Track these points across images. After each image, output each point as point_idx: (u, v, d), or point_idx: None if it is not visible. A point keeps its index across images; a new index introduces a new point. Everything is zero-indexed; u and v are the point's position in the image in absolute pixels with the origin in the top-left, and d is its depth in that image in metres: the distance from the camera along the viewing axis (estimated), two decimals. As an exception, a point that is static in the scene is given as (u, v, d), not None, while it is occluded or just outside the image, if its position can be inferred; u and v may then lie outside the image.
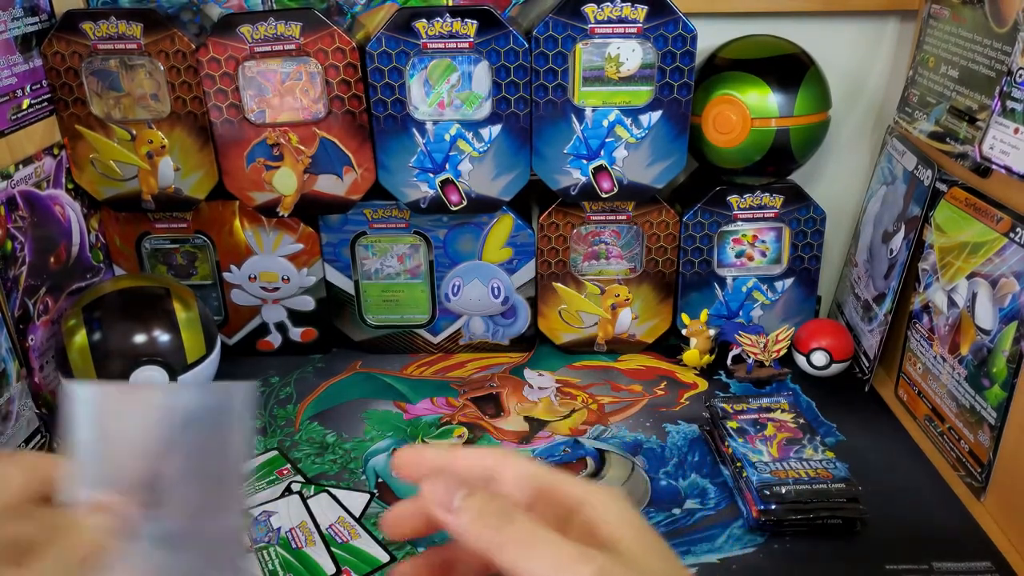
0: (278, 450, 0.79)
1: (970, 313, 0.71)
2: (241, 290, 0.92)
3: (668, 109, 0.82)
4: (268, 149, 0.84)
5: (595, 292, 0.93)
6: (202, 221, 0.90)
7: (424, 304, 0.94)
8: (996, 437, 0.67)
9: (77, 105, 0.82)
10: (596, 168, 0.84)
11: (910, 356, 0.82)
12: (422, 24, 0.78)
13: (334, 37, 0.79)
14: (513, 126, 0.82)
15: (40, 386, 0.78)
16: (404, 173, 0.85)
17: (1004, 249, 0.67)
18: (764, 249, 0.91)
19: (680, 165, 0.85)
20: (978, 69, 0.71)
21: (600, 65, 0.81)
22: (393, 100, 0.81)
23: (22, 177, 0.76)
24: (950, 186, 0.76)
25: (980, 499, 0.71)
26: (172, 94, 0.82)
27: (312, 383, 0.90)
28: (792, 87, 0.81)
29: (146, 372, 0.76)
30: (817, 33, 0.88)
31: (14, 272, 0.75)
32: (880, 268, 0.86)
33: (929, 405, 0.78)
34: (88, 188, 0.86)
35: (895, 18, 0.90)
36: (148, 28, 0.79)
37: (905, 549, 0.66)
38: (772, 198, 0.88)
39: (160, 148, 0.84)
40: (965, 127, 0.73)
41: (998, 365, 0.67)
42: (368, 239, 0.91)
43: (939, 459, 0.77)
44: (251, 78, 0.81)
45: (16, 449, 0.73)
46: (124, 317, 0.78)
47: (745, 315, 0.93)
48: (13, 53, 0.76)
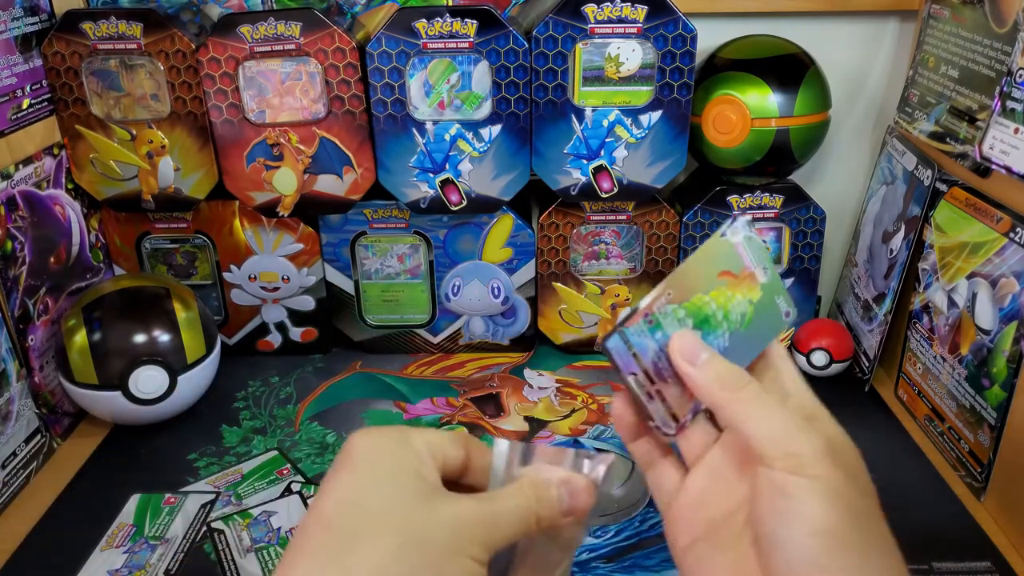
0: (278, 450, 0.79)
1: (970, 313, 0.71)
2: (241, 290, 0.92)
3: (668, 109, 0.82)
4: (268, 149, 0.84)
5: (595, 292, 0.93)
6: (202, 221, 0.90)
7: (424, 304, 0.94)
8: (996, 437, 0.67)
9: (77, 105, 0.82)
10: (596, 168, 0.84)
11: (910, 356, 0.82)
12: (422, 24, 0.78)
13: (334, 37, 0.79)
14: (513, 126, 0.82)
15: (40, 386, 0.78)
16: (404, 173, 0.85)
17: (1004, 249, 0.67)
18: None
19: (680, 165, 0.85)
20: (978, 69, 0.71)
21: (600, 65, 0.81)
22: (393, 100, 0.81)
23: (22, 177, 0.76)
24: (950, 186, 0.76)
25: (980, 499, 0.71)
26: (172, 94, 0.82)
27: (312, 383, 0.90)
28: (792, 87, 0.81)
29: (146, 372, 0.76)
30: (817, 33, 0.88)
31: (14, 272, 0.75)
32: (880, 268, 0.86)
33: (929, 405, 0.78)
34: (88, 188, 0.86)
35: (895, 18, 0.90)
36: (148, 28, 0.79)
37: (905, 549, 0.65)
38: (772, 198, 0.88)
39: (160, 148, 0.84)
40: (965, 127, 0.73)
41: (998, 365, 0.67)
42: (368, 239, 0.91)
43: (939, 459, 0.76)
44: (251, 78, 0.81)
45: (15, 450, 0.73)
46: (124, 317, 0.78)
47: (745, 315, 0.93)
48: (13, 53, 0.76)
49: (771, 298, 0.44)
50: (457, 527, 0.35)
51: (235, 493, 0.73)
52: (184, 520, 0.70)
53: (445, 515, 0.35)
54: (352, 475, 0.36)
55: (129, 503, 0.72)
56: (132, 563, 0.65)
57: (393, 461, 0.37)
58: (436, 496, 0.36)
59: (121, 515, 0.71)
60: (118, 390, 0.76)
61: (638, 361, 0.41)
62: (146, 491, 0.73)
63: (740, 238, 0.44)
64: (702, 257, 0.43)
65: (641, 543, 0.67)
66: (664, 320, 0.41)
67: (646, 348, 0.41)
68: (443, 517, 0.35)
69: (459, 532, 0.35)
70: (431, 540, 0.34)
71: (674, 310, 0.41)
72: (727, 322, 0.43)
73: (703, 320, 0.42)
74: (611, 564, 0.65)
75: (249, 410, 0.86)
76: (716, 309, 0.43)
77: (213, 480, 0.75)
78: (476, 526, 0.36)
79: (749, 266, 0.44)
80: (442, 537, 0.35)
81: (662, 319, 0.41)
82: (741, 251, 0.44)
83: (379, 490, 0.35)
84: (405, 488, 0.36)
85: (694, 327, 0.42)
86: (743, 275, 0.43)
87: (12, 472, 0.73)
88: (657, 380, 0.42)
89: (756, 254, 0.44)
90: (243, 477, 0.75)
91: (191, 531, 0.69)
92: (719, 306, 0.43)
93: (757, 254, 0.44)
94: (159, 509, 0.71)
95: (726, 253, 0.43)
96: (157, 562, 0.65)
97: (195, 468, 0.77)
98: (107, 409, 0.79)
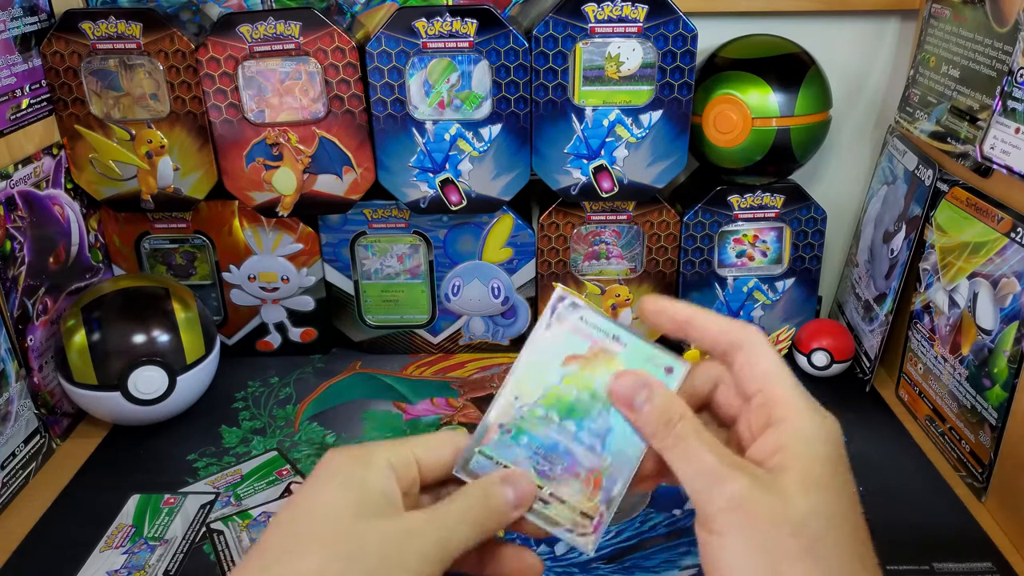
0: (278, 451, 0.79)
1: (971, 313, 0.71)
2: (240, 290, 0.92)
3: (669, 109, 0.81)
4: (267, 149, 0.83)
5: (595, 292, 0.92)
6: (201, 221, 0.89)
7: (424, 304, 0.94)
8: (997, 438, 0.67)
9: (76, 105, 0.82)
10: (596, 168, 0.84)
11: (911, 356, 0.82)
12: (422, 23, 0.78)
13: (334, 37, 0.79)
14: (513, 126, 0.82)
15: (39, 386, 0.78)
16: (404, 173, 0.85)
17: (1005, 249, 0.67)
18: (765, 249, 0.91)
19: (681, 165, 0.84)
20: (979, 69, 0.71)
21: (600, 64, 0.81)
22: (393, 100, 0.81)
23: (21, 177, 0.76)
24: (951, 186, 0.76)
25: (981, 500, 0.70)
26: (171, 94, 0.82)
27: (311, 383, 0.90)
28: (793, 87, 0.81)
29: (145, 372, 0.76)
30: (818, 33, 0.88)
31: (13, 272, 0.74)
32: (881, 268, 0.86)
33: (930, 405, 0.78)
34: (87, 188, 0.86)
35: (896, 17, 0.90)
36: (147, 28, 0.79)
37: (906, 550, 0.66)
38: (773, 198, 0.88)
39: (159, 148, 0.84)
40: (966, 127, 0.73)
41: (999, 365, 0.67)
42: (368, 239, 0.91)
43: (940, 459, 0.76)
44: (250, 78, 0.81)
45: (14, 450, 0.73)
46: (123, 317, 0.78)
47: (746, 315, 0.93)
48: (12, 53, 0.76)
49: (639, 363, 0.40)
50: (399, 542, 0.36)
51: (235, 494, 0.73)
52: (183, 521, 0.70)
53: (386, 531, 0.36)
54: (297, 496, 0.38)
55: (128, 504, 0.72)
56: (131, 564, 0.65)
57: (341, 480, 0.38)
58: (382, 512, 0.37)
59: (120, 516, 0.70)
60: (117, 390, 0.76)
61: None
62: (145, 492, 0.73)
63: (569, 324, 0.41)
64: (535, 353, 0.40)
65: (642, 544, 0.67)
66: (525, 424, 0.39)
67: (517, 457, 0.39)
68: (381, 534, 0.36)
69: (401, 548, 0.36)
70: (364, 556, 0.35)
71: (531, 411, 0.39)
72: (599, 402, 0.40)
73: (568, 409, 0.39)
74: (612, 565, 0.64)
75: (248, 410, 0.85)
76: (579, 392, 0.39)
77: (212, 481, 0.75)
78: (422, 540, 0.36)
79: (595, 343, 0.40)
80: (377, 552, 0.35)
81: (522, 424, 0.39)
82: (577, 335, 0.40)
83: (314, 510, 0.37)
84: (345, 506, 0.37)
85: (562, 420, 0.39)
86: (592, 354, 0.40)
87: (11, 473, 0.73)
88: (546, 482, 0.39)
89: (599, 328, 0.41)
90: (243, 478, 0.75)
91: (190, 532, 0.69)
92: (580, 389, 0.40)
93: (600, 328, 0.41)
94: (158, 510, 0.71)
95: (561, 341, 0.40)
96: (156, 563, 0.65)
97: (194, 469, 0.77)
98: (106, 409, 0.79)
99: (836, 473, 0.37)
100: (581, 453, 0.40)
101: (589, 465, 0.40)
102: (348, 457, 0.39)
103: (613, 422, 0.39)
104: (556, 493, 0.39)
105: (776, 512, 0.35)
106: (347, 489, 0.37)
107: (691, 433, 0.38)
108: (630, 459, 0.40)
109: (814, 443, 0.37)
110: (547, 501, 0.39)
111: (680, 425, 0.38)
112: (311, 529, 0.36)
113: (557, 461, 0.39)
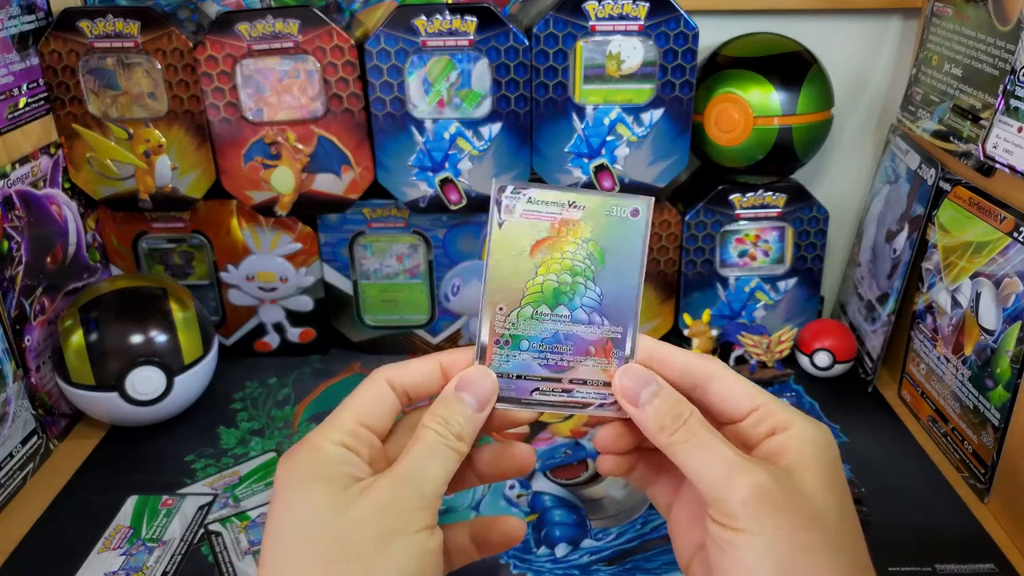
0: (276, 451, 0.78)
1: (974, 313, 0.70)
2: (238, 290, 0.92)
3: (670, 107, 0.81)
4: (266, 148, 0.83)
5: (596, 292, 0.92)
6: (199, 220, 0.89)
7: (423, 304, 0.94)
8: (1000, 438, 0.67)
9: (74, 104, 0.82)
10: (597, 167, 0.84)
11: (913, 357, 0.82)
12: (421, 21, 0.78)
13: (332, 35, 0.78)
14: (513, 124, 0.82)
15: (37, 387, 0.78)
16: (403, 172, 0.84)
17: (1008, 249, 0.66)
18: (767, 249, 0.91)
19: (682, 164, 0.84)
20: (982, 67, 0.71)
21: (601, 63, 0.80)
22: (392, 98, 0.81)
23: (18, 176, 0.76)
24: (953, 185, 0.75)
25: (984, 501, 0.70)
26: (169, 92, 0.81)
27: (310, 384, 0.90)
28: (795, 85, 0.81)
29: (143, 373, 0.76)
30: (820, 31, 0.87)
31: (10, 272, 0.74)
32: (883, 268, 0.86)
33: (932, 406, 0.78)
34: (85, 187, 0.85)
35: (898, 16, 0.90)
36: (145, 26, 0.79)
37: (908, 551, 0.65)
38: (775, 197, 0.87)
39: (157, 147, 0.83)
40: (968, 126, 0.72)
41: (1002, 366, 0.66)
42: (367, 239, 0.90)
43: (942, 460, 0.76)
44: (249, 76, 0.81)
45: (11, 451, 0.73)
46: (121, 317, 0.78)
47: (748, 315, 0.92)
48: (10, 51, 0.76)
49: (604, 218, 0.39)
50: (380, 516, 0.35)
51: (233, 495, 0.73)
52: (182, 522, 0.69)
53: (364, 511, 0.35)
54: (271, 513, 0.37)
55: (126, 505, 0.71)
56: (129, 565, 0.65)
57: (299, 482, 0.37)
58: (351, 496, 0.36)
59: (118, 517, 0.70)
60: (115, 391, 0.76)
61: (528, 378, 0.39)
62: (143, 493, 0.73)
63: (520, 211, 0.39)
64: (499, 254, 0.39)
65: (643, 545, 0.66)
66: (518, 330, 0.38)
67: (525, 362, 0.39)
68: (361, 514, 0.35)
69: (385, 519, 0.35)
70: (355, 541, 0.35)
71: (519, 314, 0.39)
72: (581, 276, 0.39)
73: (555, 297, 0.39)
74: (612, 567, 0.64)
75: (247, 411, 0.85)
76: (558, 276, 0.39)
77: (211, 482, 0.74)
78: (400, 500, 0.36)
79: (555, 220, 0.39)
80: (367, 533, 0.35)
81: (515, 331, 0.39)
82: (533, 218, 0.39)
83: (288, 519, 0.36)
84: (314, 504, 0.36)
85: (553, 310, 0.38)
86: (555, 230, 0.39)
87: (8, 474, 0.72)
88: (561, 372, 0.39)
89: (552, 202, 0.39)
90: (241, 479, 0.75)
91: (189, 533, 0.68)
92: (559, 272, 0.39)
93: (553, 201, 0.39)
94: (156, 511, 0.71)
95: (520, 232, 0.39)
96: (154, 564, 0.65)
97: (192, 470, 0.76)
98: (104, 410, 0.78)
99: (842, 479, 0.38)
100: (583, 331, 0.39)
101: (594, 338, 0.39)
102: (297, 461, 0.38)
103: (601, 286, 0.39)
104: (575, 378, 0.39)
105: (800, 504, 0.35)
106: (310, 488, 0.37)
107: (703, 426, 0.38)
108: (629, 304, 0.39)
109: (822, 448, 0.38)
110: (569, 390, 0.39)
111: (692, 418, 0.38)
112: (292, 538, 0.36)
113: (563, 350, 0.39)
